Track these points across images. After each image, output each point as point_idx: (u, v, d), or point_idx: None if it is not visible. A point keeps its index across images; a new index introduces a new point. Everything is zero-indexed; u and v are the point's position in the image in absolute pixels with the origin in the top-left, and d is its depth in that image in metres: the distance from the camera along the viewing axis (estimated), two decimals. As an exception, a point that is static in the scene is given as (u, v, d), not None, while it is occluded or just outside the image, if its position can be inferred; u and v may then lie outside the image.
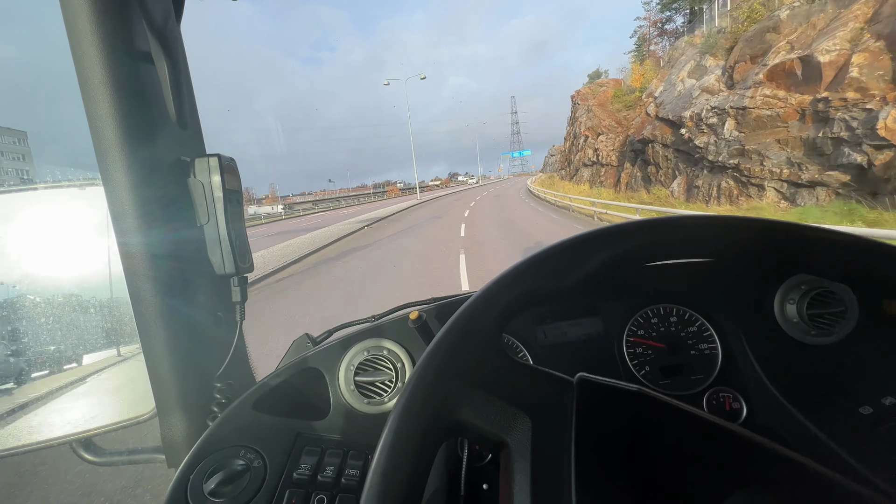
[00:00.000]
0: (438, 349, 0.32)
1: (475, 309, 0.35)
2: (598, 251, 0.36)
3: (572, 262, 0.36)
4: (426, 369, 0.31)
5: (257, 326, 4.18)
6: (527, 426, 0.32)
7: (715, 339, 0.69)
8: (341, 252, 9.23)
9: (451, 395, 0.32)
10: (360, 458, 0.53)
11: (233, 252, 0.56)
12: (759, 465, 0.27)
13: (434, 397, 0.31)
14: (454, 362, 0.32)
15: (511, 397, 0.33)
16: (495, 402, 0.33)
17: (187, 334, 0.53)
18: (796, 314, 0.62)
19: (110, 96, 0.47)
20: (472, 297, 0.35)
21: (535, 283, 0.36)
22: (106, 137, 0.47)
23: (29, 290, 0.53)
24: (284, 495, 0.49)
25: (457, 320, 0.34)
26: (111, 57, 0.46)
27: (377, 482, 0.26)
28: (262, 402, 0.56)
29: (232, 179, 0.57)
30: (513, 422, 0.33)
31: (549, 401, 0.33)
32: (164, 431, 0.54)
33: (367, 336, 0.64)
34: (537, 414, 0.33)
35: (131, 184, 0.48)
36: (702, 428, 0.30)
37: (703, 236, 0.35)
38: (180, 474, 0.48)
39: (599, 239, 0.36)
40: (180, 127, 0.56)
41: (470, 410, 0.32)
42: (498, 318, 0.35)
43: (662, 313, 0.71)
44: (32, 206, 0.56)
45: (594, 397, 0.32)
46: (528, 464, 0.31)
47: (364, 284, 5.80)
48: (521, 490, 0.31)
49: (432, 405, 0.30)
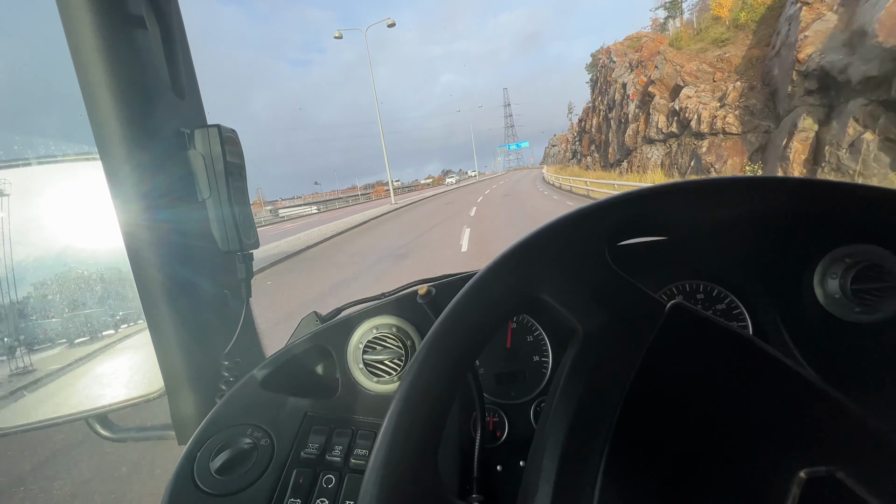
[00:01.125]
0: (561, 223, 0.33)
1: (606, 206, 0.34)
2: (607, 220, 0.36)
3: (708, 201, 0.36)
4: (539, 236, 0.32)
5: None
6: (602, 326, 0.31)
7: (746, 317, 0.66)
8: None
9: (538, 272, 0.31)
10: (370, 438, 0.53)
11: (236, 227, 0.56)
12: (863, 445, 0.26)
13: (522, 263, 0.30)
14: (557, 241, 0.33)
15: (595, 293, 0.32)
16: (575, 287, 0.32)
17: (193, 312, 0.53)
18: (839, 289, 0.58)
19: (103, 63, 0.46)
20: (611, 196, 0.36)
21: (665, 209, 0.36)
22: (101, 108, 0.47)
23: (35, 267, 0.55)
24: (292, 474, 0.50)
25: (584, 208, 0.34)
26: (102, 20, 0.46)
27: (383, 457, 0.27)
28: (269, 380, 0.56)
29: (234, 151, 0.56)
30: (591, 315, 0.32)
31: (635, 313, 0.32)
32: (174, 409, 0.55)
33: (376, 313, 0.63)
34: (619, 319, 0.32)
35: (129, 157, 0.49)
36: (810, 391, 0.28)
37: (740, 201, 0.34)
38: (187, 452, 0.49)
39: (609, 208, 0.36)
40: (177, 96, 0.55)
41: (551, 287, 0.32)
42: (610, 229, 0.34)
43: (688, 290, 0.67)
44: (28, 181, 0.57)
45: (685, 328, 0.31)
46: (594, 361, 0.30)
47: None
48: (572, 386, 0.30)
49: (519, 272, 0.30)
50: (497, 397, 0.62)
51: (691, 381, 0.28)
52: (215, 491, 0.47)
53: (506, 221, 10.78)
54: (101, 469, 2.27)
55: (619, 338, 0.30)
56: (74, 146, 0.56)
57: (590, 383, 0.29)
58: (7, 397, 0.56)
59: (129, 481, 2.13)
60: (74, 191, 0.56)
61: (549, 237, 0.32)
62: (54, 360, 0.56)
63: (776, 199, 0.34)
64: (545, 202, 14.34)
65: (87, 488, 2.13)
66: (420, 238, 9.62)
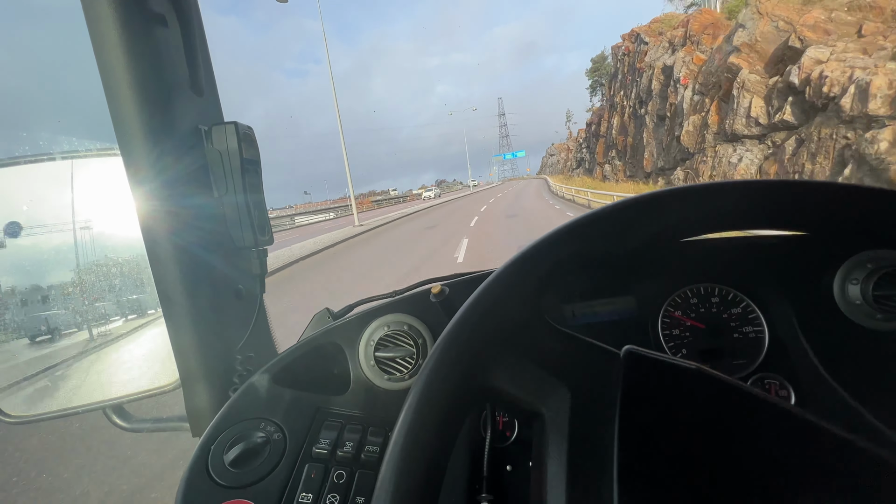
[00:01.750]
0: (475, 307, 0.33)
1: (519, 267, 0.34)
2: (657, 215, 0.35)
3: (630, 224, 0.35)
4: (460, 326, 0.32)
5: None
6: (565, 398, 0.32)
7: (762, 322, 0.68)
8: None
9: (485, 357, 0.31)
10: (380, 434, 0.58)
11: (251, 224, 0.60)
12: (833, 455, 0.27)
13: (466, 357, 0.31)
14: (491, 321, 0.32)
15: (549, 365, 0.33)
16: (531, 369, 0.33)
17: (208, 306, 0.59)
18: (860, 295, 0.59)
19: (125, 60, 0.50)
20: (516, 255, 0.35)
21: (587, 244, 0.36)
22: (122, 104, 0.52)
23: (55, 258, 0.60)
24: (304, 469, 0.53)
25: (497, 278, 0.34)
26: (124, 18, 0.50)
27: (399, 454, 0.27)
28: (282, 375, 0.61)
29: (250, 149, 0.61)
30: (550, 391, 0.33)
31: (592, 373, 0.33)
32: (188, 401, 0.60)
33: (388, 311, 0.68)
34: (578, 385, 0.33)
35: (149, 152, 0.53)
36: (769, 412, 0.29)
37: (757, 203, 0.35)
38: (202, 444, 0.54)
39: (663, 199, 0.35)
40: (196, 94, 0.60)
41: (503, 375, 0.32)
42: (541, 278, 0.35)
43: (703, 293, 0.70)
44: (51, 176, 0.62)
45: (644, 373, 0.32)
46: (566, 440, 0.31)
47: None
48: (555, 469, 0.30)
49: (464, 365, 0.30)
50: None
51: (671, 424, 0.29)
52: (229, 483, 0.51)
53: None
54: (117, 457, 2.51)
55: (587, 406, 0.32)
56: (96, 142, 0.61)
57: (572, 455, 0.30)
58: (28, 386, 0.60)
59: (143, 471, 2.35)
60: (95, 185, 0.61)
61: (484, 307, 0.32)
62: (74, 350, 0.61)
63: (792, 204, 0.35)
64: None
65: (104, 477, 2.37)
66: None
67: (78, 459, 2.54)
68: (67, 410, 0.59)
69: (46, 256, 0.59)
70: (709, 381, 0.31)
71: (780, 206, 0.35)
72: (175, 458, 2.46)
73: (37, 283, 0.59)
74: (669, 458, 0.28)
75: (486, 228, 13.16)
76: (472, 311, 0.32)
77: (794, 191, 0.34)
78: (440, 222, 17.85)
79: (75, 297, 0.60)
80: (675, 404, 0.30)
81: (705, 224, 0.36)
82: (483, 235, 11.64)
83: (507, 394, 0.32)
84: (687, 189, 0.35)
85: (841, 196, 0.34)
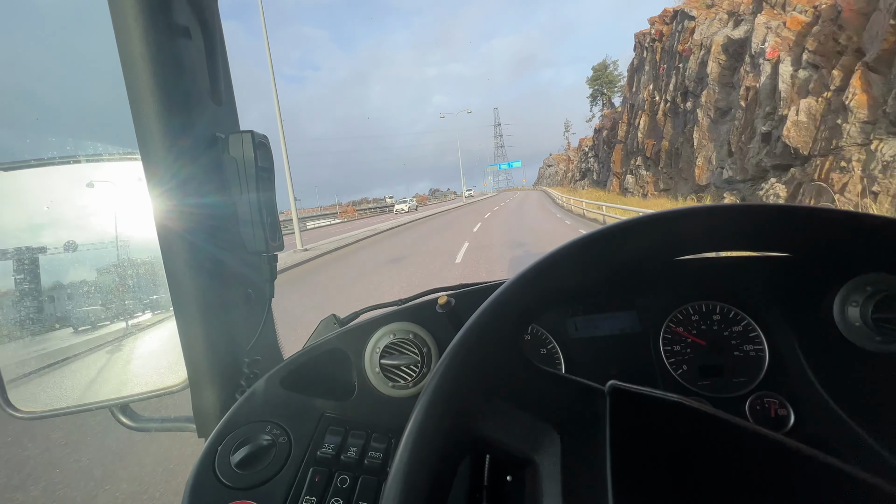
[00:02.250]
0: (455, 356, 0.33)
1: (493, 310, 0.35)
2: (632, 243, 0.36)
3: (605, 254, 0.36)
4: (443, 379, 0.32)
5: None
6: (555, 442, 0.32)
7: (762, 341, 0.70)
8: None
9: (470, 407, 0.32)
10: (384, 441, 0.62)
11: (263, 229, 0.64)
12: (821, 487, 0.28)
13: (451, 409, 0.31)
14: (472, 370, 0.33)
15: (536, 409, 0.33)
16: (518, 415, 0.33)
17: (219, 308, 0.64)
18: (859, 318, 0.60)
19: (149, 70, 0.54)
20: (490, 297, 0.36)
21: (561, 280, 0.36)
22: (144, 112, 0.56)
23: (71, 256, 0.63)
24: (308, 472, 0.56)
25: (473, 323, 0.35)
26: (150, 29, 0.53)
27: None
28: (289, 380, 0.65)
29: (265, 157, 0.66)
30: (540, 437, 0.33)
31: (579, 413, 0.34)
32: (196, 402, 0.64)
33: (394, 319, 0.71)
34: (566, 428, 0.33)
35: (168, 159, 0.58)
36: (754, 443, 0.30)
37: (754, 226, 0.37)
38: (209, 445, 0.58)
39: (634, 229, 0.36)
40: (215, 103, 0.65)
41: (492, 424, 0.32)
42: (517, 319, 0.35)
43: (704, 311, 0.74)
44: (75, 178, 0.67)
45: (629, 408, 0.33)
46: (559, 486, 0.31)
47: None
48: None
49: (450, 419, 0.31)
50: None
51: (662, 460, 0.31)
52: (235, 485, 0.54)
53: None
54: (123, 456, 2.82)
55: (578, 449, 0.32)
56: (118, 147, 0.67)
57: (568, 495, 0.31)
58: (39, 381, 0.65)
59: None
60: (115, 188, 0.66)
61: (464, 355, 0.33)
62: (84, 347, 0.65)
63: (793, 228, 0.37)
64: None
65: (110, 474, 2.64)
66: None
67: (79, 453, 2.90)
68: (76, 408, 0.64)
69: (64, 255, 0.64)
70: (694, 415, 0.32)
71: (781, 231, 0.37)
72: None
73: (55, 280, 0.64)
74: (664, 495, 0.29)
75: (483, 267, 9.31)
76: (451, 362, 0.33)
77: (795, 216, 0.36)
78: (415, 249, 13.97)
79: (90, 295, 0.65)
80: (664, 439, 0.31)
81: (705, 244, 0.37)
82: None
83: (498, 442, 0.33)
84: (695, 210, 0.37)
85: (841, 222, 0.36)
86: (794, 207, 0.36)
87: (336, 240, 18.47)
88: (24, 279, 0.62)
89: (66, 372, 0.67)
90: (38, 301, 0.63)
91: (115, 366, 0.68)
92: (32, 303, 0.63)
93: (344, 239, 18.39)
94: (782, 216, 0.35)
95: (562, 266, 0.35)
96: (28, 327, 0.64)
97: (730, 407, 0.68)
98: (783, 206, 0.37)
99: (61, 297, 0.64)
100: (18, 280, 0.62)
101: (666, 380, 0.70)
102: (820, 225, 0.35)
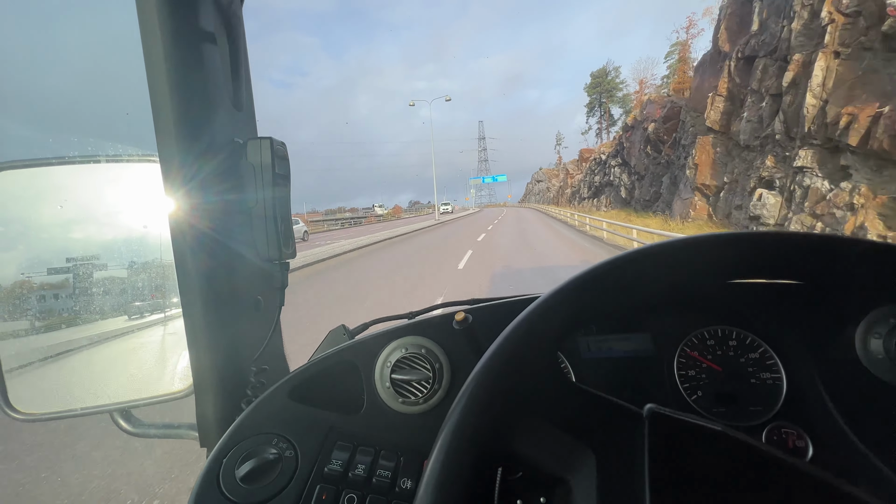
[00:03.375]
0: (490, 368, 0.33)
1: (532, 323, 0.35)
2: (678, 263, 0.37)
3: (651, 271, 0.37)
4: (478, 388, 0.32)
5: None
6: (591, 463, 0.32)
7: (780, 369, 0.69)
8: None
9: (505, 422, 0.32)
10: (392, 458, 0.61)
11: (277, 237, 0.64)
12: None
13: (486, 423, 0.31)
14: (507, 384, 0.33)
15: (572, 428, 0.33)
16: (554, 433, 0.33)
17: (228, 315, 0.63)
18: (882, 350, 0.58)
19: (173, 73, 0.54)
20: (529, 309, 0.36)
21: (602, 296, 0.36)
22: (165, 115, 0.57)
23: (85, 257, 0.63)
24: (315, 489, 0.55)
25: (511, 334, 0.35)
26: (176, 33, 0.54)
27: None
28: (297, 392, 0.65)
29: (282, 164, 0.66)
30: (574, 456, 0.33)
31: (616, 435, 0.34)
32: (200, 410, 0.63)
33: (407, 333, 0.71)
34: (602, 449, 0.33)
35: (186, 162, 0.58)
36: (800, 480, 0.31)
37: (779, 254, 0.37)
38: (214, 456, 0.57)
39: (682, 248, 0.36)
40: (235, 108, 0.66)
41: (526, 440, 0.33)
42: (557, 334, 0.35)
43: (720, 335, 0.73)
44: (95, 177, 0.67)
45: (670, 434, 0.33)
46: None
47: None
48: None
49: (484, 432, 0.31)
50: None
51: (701, 488, 0.31)
52: (239, 500, 0.53)
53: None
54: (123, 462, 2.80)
55: (614, 471, 0.32)
56: (137, 148, 0.67)
57: None
58: (39, 382, 0.64)
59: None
60: (131, 188, 0.66)
61: (498, 368, 0.33)
62: (88, 349, 0.65)
63: (817, 257, 0.38)
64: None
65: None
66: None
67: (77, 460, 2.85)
68: (77, 411, 0.63)
69: (76, 254, 0.64)
70: (737, 446, 0.32)
71: (805, 259, 0.37)
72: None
73: (63, 278, 0.63)
74: None
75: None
76: (486, 373, 0.33)
77: (820, 245, 0.36)
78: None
79: (98, 296, 0.64)
80: (703, 467, 0.32)
81: (731, 272, 0.37)
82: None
83: (531, 459, 0.33)
84: (722, 237, 0.37)
85: (866, 252, 0.36)
86: (818, 236, 0.36)
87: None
88: (31, 276, 0.61)
89: (68, 373, 0.66)
90: (44, 299, 0.63)
91: (118, 369, 0.67)
92: (39, 301, 0.63)
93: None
94: (805, 245, 0.35)
95: (601, 283, 0.35)
96: (32, 326, 0.63)
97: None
98: (807, 234, 0.36)
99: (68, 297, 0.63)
100: (26, 277, 0.62)
101: (680, 405, 0.69)
102: (844, 254, 0.35)
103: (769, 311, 0.70)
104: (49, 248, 0.63)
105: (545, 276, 9.19)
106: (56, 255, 0.63)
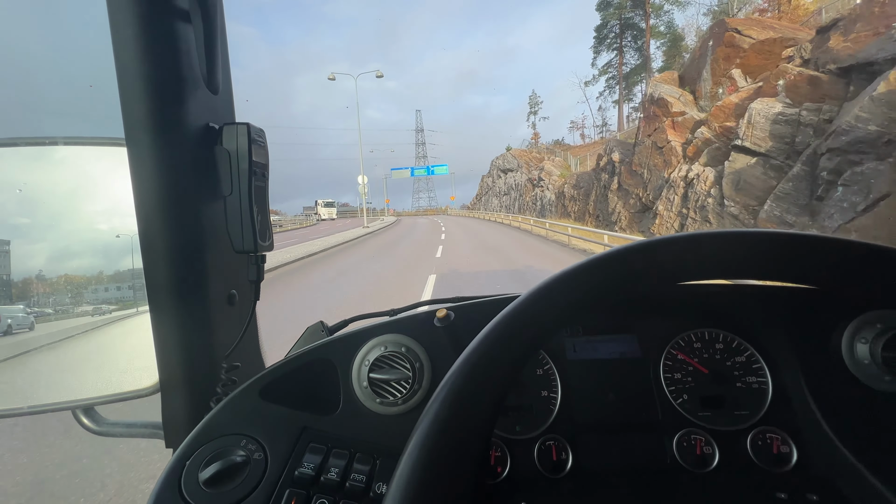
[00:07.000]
0: (471, 363, 0.34)
1: (515, 318, 0.35)
2: (665, 261, 0.36)
3: (633, 270, 0.37)
4: (458, 381, 0.33)
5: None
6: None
7: (766, 373, 0.69)
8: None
9: (484, 418, 0.33)
10: (367, 462, 0.59)
11: (254, 228, 0.62)
12: None
13: (464, 418, 0.32)
14: (488, 380, 0.33)
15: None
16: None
17: (199, 309, 0.61)
18: (868, 355, 0.59)
19: (142, 50, 0.52)
20: (512, 305, 0.37)
21: (588, 292, 0.36)
22: (133, 95, 0.55)
23: (41, 243, 0.61)
24: (284, 494, 0.53)
25: (492, 331, 0.35)
26: (148, 10, 0.52)
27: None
28: (269, 390, 0.63)
29: (260, 151, 0.64)
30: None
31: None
32: (166, 408, 0.61)
33: (387, 331, 0.69)
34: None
35: (155, 146, 0.56)
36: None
37: (763, 254, 0.37)
38: (177, 458, 0.55)
39: (660, 247, 0.37)
40: (211, 91, 0.63)
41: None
42: (541, 330, 0.35)
43: (707, 338, 0.73)
44: (51, 161, 0.64)
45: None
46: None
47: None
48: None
49: (463, 428, 0.32)
50: (501, 430, 0.67)
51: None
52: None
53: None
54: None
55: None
56: (101, 130, 0.63)
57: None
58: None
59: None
60: (94, 173, 0.64)
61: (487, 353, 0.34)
62: (46, 341, 0.61)
63: (803, 258, 0.37)
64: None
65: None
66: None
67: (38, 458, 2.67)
68: (35, 408, 0.60)
69: (32, 242, 0.61)
70: None
71: (791, 260, 0.37)
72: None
73: (17, 266, 0.59)
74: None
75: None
76: (466, 368, 0.33)
77: (806, 245, 0.36)
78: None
79: (56, 285, 0.61)
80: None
81: (713, 271, 0.38)
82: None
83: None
84: (702, 235, 0.37)
85: (854, 254, 0.36)
86: (802, 236, 0.36)
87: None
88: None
89: (24, 368, 0.62)
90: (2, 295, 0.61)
91: (80, 364, 0.63)
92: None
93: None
94: (790, 245, 0.35)
95: (577, 283, 0.35)
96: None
97: (731, 441, 0.66)
98: (792, 234, 0.36)
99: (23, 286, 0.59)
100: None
101: (665, 408, 0.69)
102: (830, 255, 0.34)
103: (756, 314, 0.69)
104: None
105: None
106: (10, 241, 0.59)
